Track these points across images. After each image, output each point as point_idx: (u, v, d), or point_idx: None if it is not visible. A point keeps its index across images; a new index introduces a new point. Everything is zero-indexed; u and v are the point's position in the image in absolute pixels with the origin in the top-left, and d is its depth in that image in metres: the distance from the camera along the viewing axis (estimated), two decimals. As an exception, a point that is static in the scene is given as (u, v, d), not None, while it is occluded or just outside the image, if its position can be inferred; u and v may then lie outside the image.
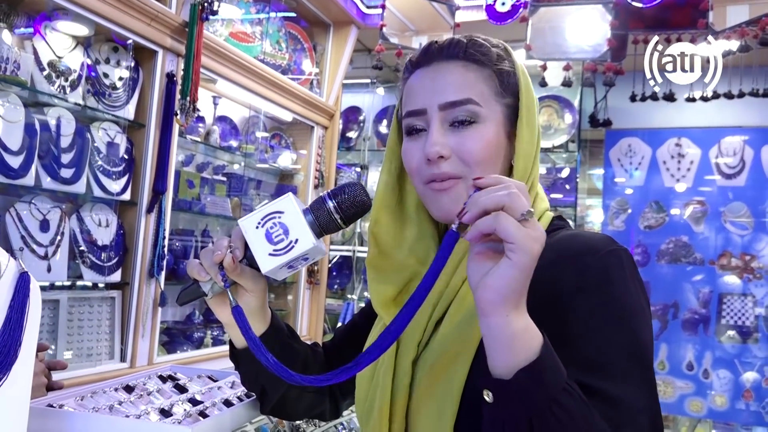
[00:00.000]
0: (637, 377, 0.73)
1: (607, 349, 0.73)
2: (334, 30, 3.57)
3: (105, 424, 0.87)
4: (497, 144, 0.85)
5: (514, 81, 0.88)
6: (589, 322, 0.75)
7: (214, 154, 3.12)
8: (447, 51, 0.87)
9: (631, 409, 0.70)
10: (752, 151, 3.81)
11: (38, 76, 2.04)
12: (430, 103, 0.85)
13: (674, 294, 3.90)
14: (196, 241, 2.86)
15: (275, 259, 0.79)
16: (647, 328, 0.77)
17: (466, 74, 0.85)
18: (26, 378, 0.81)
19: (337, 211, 0.81)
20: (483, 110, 0.84)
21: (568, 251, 0.80)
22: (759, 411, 3.75)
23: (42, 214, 2.05)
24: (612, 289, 0.76)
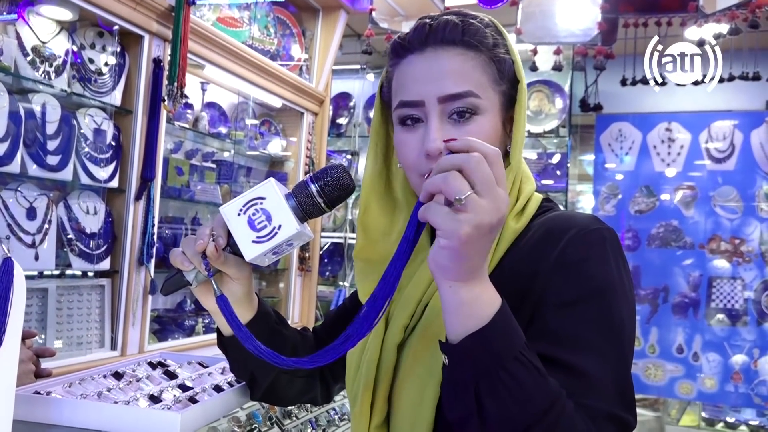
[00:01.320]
0: (606, 351, 0.73)
1: (577, 322, 0.74)
2: (323, 15, 3.53)
3: (92, 411, 0.86)
4: (495, 134, 0.83)
5: (510, 66, 0.86)
6: (562, 296, 0.76)
7: (203, 141, 3.10)
8: (443, 35, 0.83)
9: (594, 381, 0.71)
10: (742, 135, 3.82)
11: (22, 61, 2.01)
12: (428, 94, 0.82)
13: (664, 278, 3.92)
14: (186, 228, 2.84)
15: (259, 247, 0.78)
16: (625, 306, 0.77)
17: (465, 63, 0.82)
18: (11, 364, 0.80)
19: (320, 195, 0.79)
20: (482, 102, 0.82)
21: (552, 230, 0.81)
22: (747, 393, 3.79)
23: (28, 201, 2.03)
24: (589, 266, 0.77)
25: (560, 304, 0.76)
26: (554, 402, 0.67)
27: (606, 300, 0.76)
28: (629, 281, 0.81)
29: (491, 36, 0.85)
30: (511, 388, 0.65)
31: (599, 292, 0.76)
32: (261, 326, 0.90)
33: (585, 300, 0.75)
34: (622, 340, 0.75)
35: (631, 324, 0.78)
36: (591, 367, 0.72)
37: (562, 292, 0.76)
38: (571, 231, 0.79)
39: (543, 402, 0.66)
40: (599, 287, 0.76)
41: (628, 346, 0.77)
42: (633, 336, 0.79)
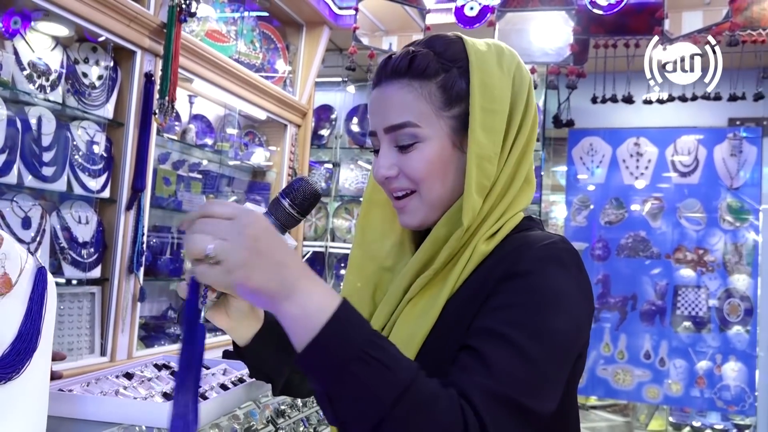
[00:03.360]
0: (526, 350, 0.74)
1: (504, 322, 0.76)
2: (307, 30, 3.64)
3: (115, 406, 0.95)
4: (442, 159, 0.88)
5: (463, 87, 0.88)
6: (499, 302, 0.79)
7: (189, 152, 3.17)
8: (393, 69, 0.89)
9: (497, 369, 0.72)
10: (705, 151, 4.01)
11: (19, 75, 2.07)
12: (377, 125, 0.91)
13: (633, 286, 4.09)
14: (172, 237, 2.91)
15: None
16: (568, 319, 0.78)
17: (406, 95, 0.88)
18: (46, 364, 0.89)
19: (293, 207, 0.87)
20: (423, 130, 0.87)
21: (512, 249, 0.84)
22: (711, 397, 3.96)
23: (24, 211, 2.09)
24: (533, 278, 0.79)
25: (495, 307, 0.79)
26: (406, 389, 0.67)
27: (542, 309, 0.77)
28: (583, 298, 0.82)
29: (441, 63, 0.88)
30: (354, 390, 0.67)
31: (536, 301, 0.78)
32: (269, 335, 0.98)
33: (519, 305, 0.78)
34: (552, 347, 0.76)
35: (572, 337, 0.79)
36: (498, 357, 0.73)
37: (500, 298, 0.79)
38: (525, 246, 0.83)
39: (391, 393, 0.67)
40: (538, 297, 0.78)
41: (561, 355, 0.77)
42: (572, 348, 0.80)
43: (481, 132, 0.87)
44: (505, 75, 0.90)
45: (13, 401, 0.83)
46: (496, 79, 0.89)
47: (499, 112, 0.88)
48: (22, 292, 0.88)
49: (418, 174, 0.88)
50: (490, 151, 0.87)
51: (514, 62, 0.93)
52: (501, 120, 0.88)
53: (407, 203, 0.90)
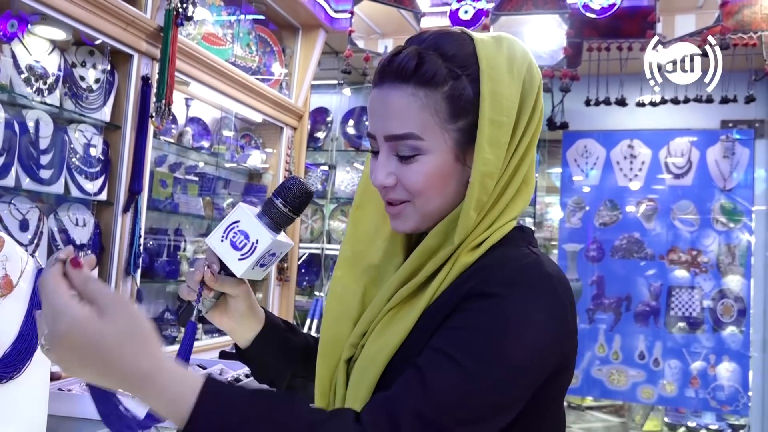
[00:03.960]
0: (474, 381, 0.72)
1: (452, 342, 0.75)
2: (303, 33, 3.66)
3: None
4: (443, 173, 0.84)
5: (471, 97, 0.83)
6: (456, 322, 0.77)
7: (186, 155, 3.19)
8: (398, 70, 0.83)
9: (429, 388, 0.71)
10: (698, 153, 4.05)
11: (17, 79, 2.09)
12: (377, 131, 0.86)
13: (627, 287, 4.11)
14: (169, 239, 2.92)
15: (245, 262, 0.90)
16: (527, 346, 0.75)
17: (411, 105, 0.82)
18: (46, 363, 0.90)
19: (285, 206, 0.90)
20: (425, 143, 0.83)
21: (485, 266, 0.82)
22: (705, 397, 3.99)
23: (21, 213, 2.10)
24: (500, 301, 0.76)
25: (453, 326, 0.77)
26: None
27: (501, 335, 0.74)
28: (553, 323, 0.78)
29: (449, 70, 0.83)
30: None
31: (496, 326, 0.75)
32: (271, 337, 0.99)
33: (474, 328, 0.75)
34: (502, 375, 0.73)
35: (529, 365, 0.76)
36: (440, 380, 0.72)
37: (460, 318, 0.77)
38: (495, 266, 0.81)
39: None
40: (499, 322, 0.75)
41: (513, 383, 0.74)
42: (529, 377, 0.76)
43: (488, 147, 0.82)
44: (515, 80, 0.85)
45: (14, 400, 0.85)
46: (506, 86, 0.84)
47: (505, 123, 0.83)
48: (23, 293, 0.90)
49: (417, 187, 0.84)
50: (494, 166, 0.83)
51: (525, 63, 0.87)
52: (507, 132, 0.84)
53: (401, 210, 0.87)
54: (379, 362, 0.82)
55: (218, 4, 3.05)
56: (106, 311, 0.66)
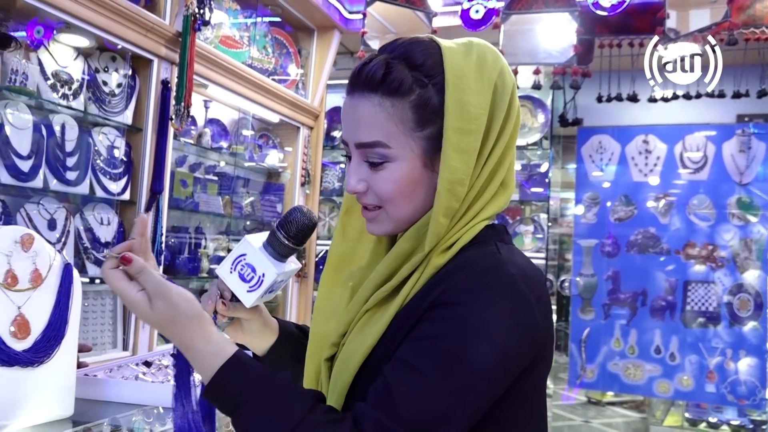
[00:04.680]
0: (438, 390, 0.76)
1: (418, 353, 0.79)
2: (318, 34, 3.73)
3: (135, 389, 1.05)
4: (411, 180, 0.87)
5: (437, 106, 0.86)
6: (421, 331, 0.81)
7: (206, 155, 3.28)
8: (366, 79, 0.87)
9: (394, 398, 0.76)
10: (714, 147, 4.04)
11: (43, 85, 2.19)
12: (348, 138, 0.90)
13: (643, 282, 4.13)
14: (190, 237, 3.02)
15: (253, 294, 0.94)
16: (489, 349, 0.78)
17: (378, 114, 0.86)
18: (73, 349, 0.99)
19: (288, 239, 0.93)
20: (393, 151, 0.86)
21: (451, 270, 0.85)
22: (722, 392, 3.99)
23: (49, 213, 2.21)
24: (457, 309, 0.80)
25: (416, 336, 0.81)
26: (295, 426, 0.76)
27: (461, 342, 0.78)
28: (515, 324, 0.81)
29: (415, 79, 0.86)
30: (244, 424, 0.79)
31: (456, 334, 0.78)
32: (285, 345, 1.05)
33: (437, 337, 0.79)
34: (466, 380, 0.77)
35: (494, 368, 0.79)
36: (403, 389, 0.77)
37: (423, 327, 0.81)
38: (460, 272, 0.83)
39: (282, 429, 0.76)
40: (459, 329, 0.78)
41: (469, 381, 0.78)
42: (494, 379, 0.80)
43: (455, 154, 0.84)
44: (485, 87, 0.87)
45: (44, 383, 0.94)
46: (474, 95, 0.86)
47: (474, 131, 0.86)
48: (51, 285, 0.98)
49: (386, 194, 0.88)
50: (463, 173, 0.85)
51: (496, 69, 0.89)
52: (476, 139, 0.86)
53: (376, 215, 0.91)
54: (354, 361, 0.86)
55: (235, 8, 3.14)
56: (152, 301, 0.84)
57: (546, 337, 0.87)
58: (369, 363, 0.85)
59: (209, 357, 0.82)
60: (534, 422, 0.92)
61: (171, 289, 0.85)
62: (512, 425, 0.87)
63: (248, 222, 3.54)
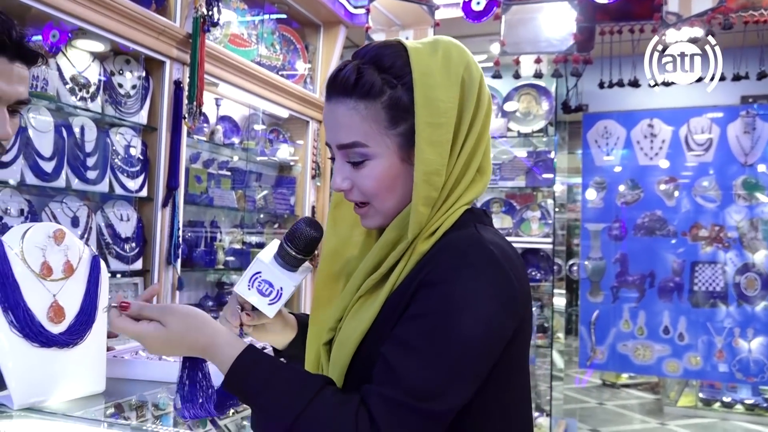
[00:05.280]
0: (427, 357, 0.83)
1: (412, 331, 0.85)
2: (324, 30, 3.82)
3: (159, 368, 1.15)
4: (391, 175, 0.94)
5: (407, 104, 0.92)
6: (413, 311, 0.87)
7: (218, 151, 3.39)
8: (340, 87, 0.93)
9: (399, 375, 0.83)
10: (719, 129, 4.08)
11: (62, 89, 2.31)
12: (330, 141, 0.96)
13: (650, 264, 4.19)
14: (206, 231, 3.13)
15: (275, 306, 1.01)
16: (475, 320, 0.85)
17: (353, 117, 0.92)
18: (102, 333, 1.10)
19: (297, 252, 0.99)
20: (371, 149, 0.92)
21: (436, 253, 0.91)
22: (731, 370, 4.05)
23: (72, 211, 2.33)
24: (444, 287, 0.86)
25: (408, 316, 0.87)
26: (304, 409, 0.83)
27: (449, 317, 0.84)
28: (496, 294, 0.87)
29: (385, 81, 0.92)
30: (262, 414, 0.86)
31: (444, 310, 0.85)
32: (303, 338, 1.09)
33: (427, 315, 0.86)
34: (455, 350, 0.84)
35: (481, 336, 0.85)
36: (401, 365, 0.83)
37: (414, 307, 0.87)
38: (445, 251, 0.90)
39: (291, 413, 0.83)
40: (445, 305, 0.85)
41: (459, 353, 0.84)
42: (483, 346, 0.86)
43: (428, 147, 0.90)
44: (453, 82, 0.93)
45: (78, 362, 1.04)
46: (442, 90, 0.92)
47: (445, 124, 0.91)
48: (82, 275, 1.08)
49: (369, 190, 0.94)
50: (438, 164, 0.91)
51: (462, 64, 0.94)
52: (447, 130, 0.92)
53: (366, 211, 0.98)
54: (350, 344, 0.93)
55: (242, 7, 3.23)
56: (165, 322, 0.94)
57: (525, 311, 0.93)
58: (364, 345, 0.92)
59: (227, 348, 0.90)
60: (517, 395, 0.98)
61: (172, 305, 0.97)
62: (496, 400, 0.93)
63: (261, 215, 3.65)
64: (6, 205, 2.07)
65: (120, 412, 1.07)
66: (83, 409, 1.00)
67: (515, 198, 4.20)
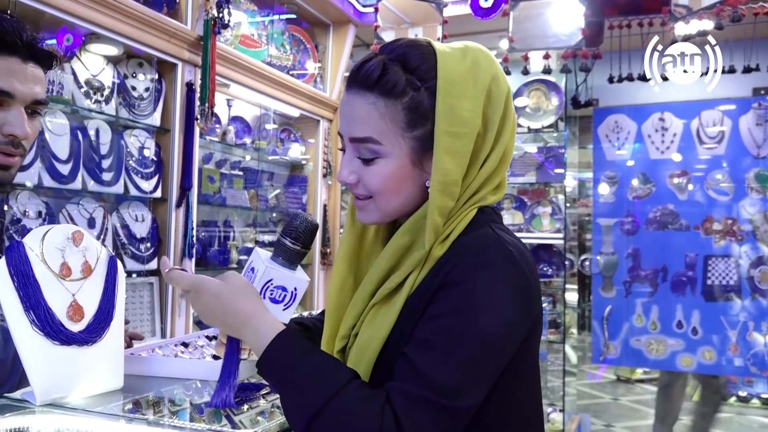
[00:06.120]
0: (448, 355, 0.84)
1: (432, 331, 0.85)
2: (334, 29, 3.85)
3: (174, 365, 1.19)
4: (399, 176, 0.93)
5: (428, 109, 0.91)
6: (432, 311, 0.87)
7: (230, 151, 3.43)
8: (362, 80, 0.91)
9: (422, 373, 0.83)
10: (731, 122, 4.05)
11: (77, 93, 2.35)
12: (344, 132, 0.95)
13: (663, 259, 4.17)
14: (219, 230, 3.17)
15: (290, 311, 1.00)
16: (494, 319, 0.85)
17: (371, 112, 0.91)
18: (120, 331, 1.13)
19: (295, 244, 0.97)
20: (384, 148, 0.91)
21: (452, 256, 0.90)
22: (745, 364, 4.03)
23: (89, 213, 2.37)
24: (462, 287, 0.86)
25: (428, 317, 0.87)
26: (331, 398, 0.82)
27: (469, 316, 0.85)
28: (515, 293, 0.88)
29: (409, 82, 0.91)
30: (289, 398, 0.86)
31: (464, 309, 0.85)
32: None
33: (447, 314, 0.86)
34: (475, 348, 0.84)
35: (500, 334, 0.86)
36: (424, 363, 0.83)
37: (434, 308, 0.87)
38: (462, 253, 0.89)
39: (318, 401, 0.82)
40: (465, 304, 0.85)
41: (480, 351, 0.85)
42: (501, 343, 0.87)
43: (446, 157, 0.89)
44: (479, 92, 0.91)
45: (97, 360, 1.07)
46: (466, 100, 0.90)
47: (466, 134, 0.90)
48: (99, 275, 1.12)
49: (375, 188, 0.93)
50: (456, 174, 0.90)
51: (489, 74, 0.93)
52: (469, 141, 0.90)
53: (366, 205, 0.97)
54: (370, 352, 0.92)
55: (252, 8, 3.26)
56: (225, 278, 0.95)
57: (539, 309, 0.95)
58: (385, 352, 0.91)
59: (271, 323, 0.90)
60: (530, 390, 1.00)
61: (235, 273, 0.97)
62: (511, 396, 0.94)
63: (274, 214, 3.68)
64: (24, 207, 2.12)
65: (138, 407, 1.10)
66: (102, 405, 1.03)
67: (526, 194, 4.20)
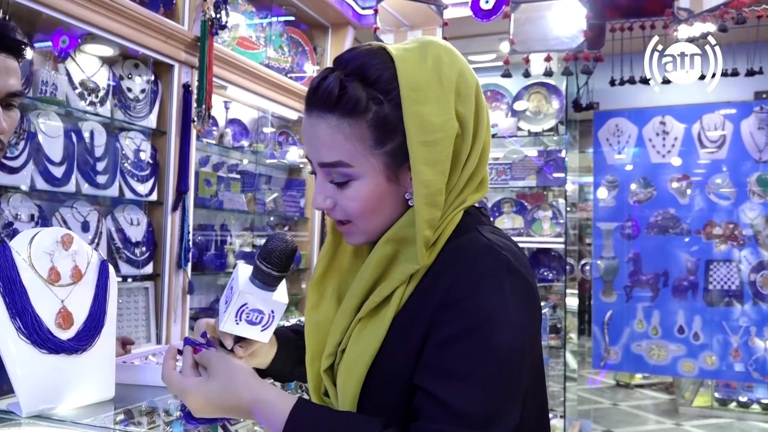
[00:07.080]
0: (474, 382, 0.79)
1: (451, 359, 0.80)
2: (333, 31, 3.81)
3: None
4: (377, 195, 0.88)
5: (395, 121, 0.85)
6: (442, 334, 0.81)
7: (228, 154, 3.39)
8: (321, 102, 0.86)
9: (456, 409, 0.77)
10: (732, 126, 4.03)
11: (72, 94, 2.31)
12: (312, 158, 0.90)
13: (664, 263, 4.14)
14: (216, 234, 3.13)
15: (268, 331, 0.96)
16: (507, 330, 0.81)
17: (336, 135, 0.85)
18: (111, 338, 1.09)
19: (273, 270, 0.92)
20: (355, 170, 0.86)
21: (446, 264, 0.86)
22: (747, 369, 3.99)
23: (83, 216, 2.33)
24: (468, 303, 0.81)
25: (440, 341, 0.81)
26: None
27: (482, 333, 0.80)
28: (519, 300, 0.83)
29: (371, 96, 0.85)
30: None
31: (475, 327, 0.80)
32: (286, 354, 1.06)
33: (459, 337, 0.80)
34: (496, 365, 0.80)
35: (517, 344, 0.82)
36: (455, 398, 0.78)
37: (442, 330, 0.81)
38: (459, 265, 0.84)
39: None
40: (476, 322, 0.80)
41: (506, 367, 0.80)
42: (520, 353, 0.82)
43: (425, 168, 0.84)
44: (446, 92, 0.86)
45: (87, 368, 1.04)
46: (434, 104, 0.85)
47: (441, 140, 0.85)
48: (90, 281, 1.08)
49: (354, 212, 0.89)
50: (439, 183, 0.85)
51: (455, 71, 0.88)
52: (445, 146, 0.85)
53: (348, 229, 0.93)
54: (359, 369, 0.87)
55: (250, 10, 3.23)
56: (211, 373, 0.88)
57: (540, 309, 0.92)
58: (374, 368, 0.87)
59: (279, 402, 0.84)
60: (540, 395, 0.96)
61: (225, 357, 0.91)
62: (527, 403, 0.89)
63: (271, 218, 3.64)
64: (16, 210, 2.08)
65: (130, 418, 1.07)
66: (93, 416, 1.00)
67: (526, 198, 4.17)
